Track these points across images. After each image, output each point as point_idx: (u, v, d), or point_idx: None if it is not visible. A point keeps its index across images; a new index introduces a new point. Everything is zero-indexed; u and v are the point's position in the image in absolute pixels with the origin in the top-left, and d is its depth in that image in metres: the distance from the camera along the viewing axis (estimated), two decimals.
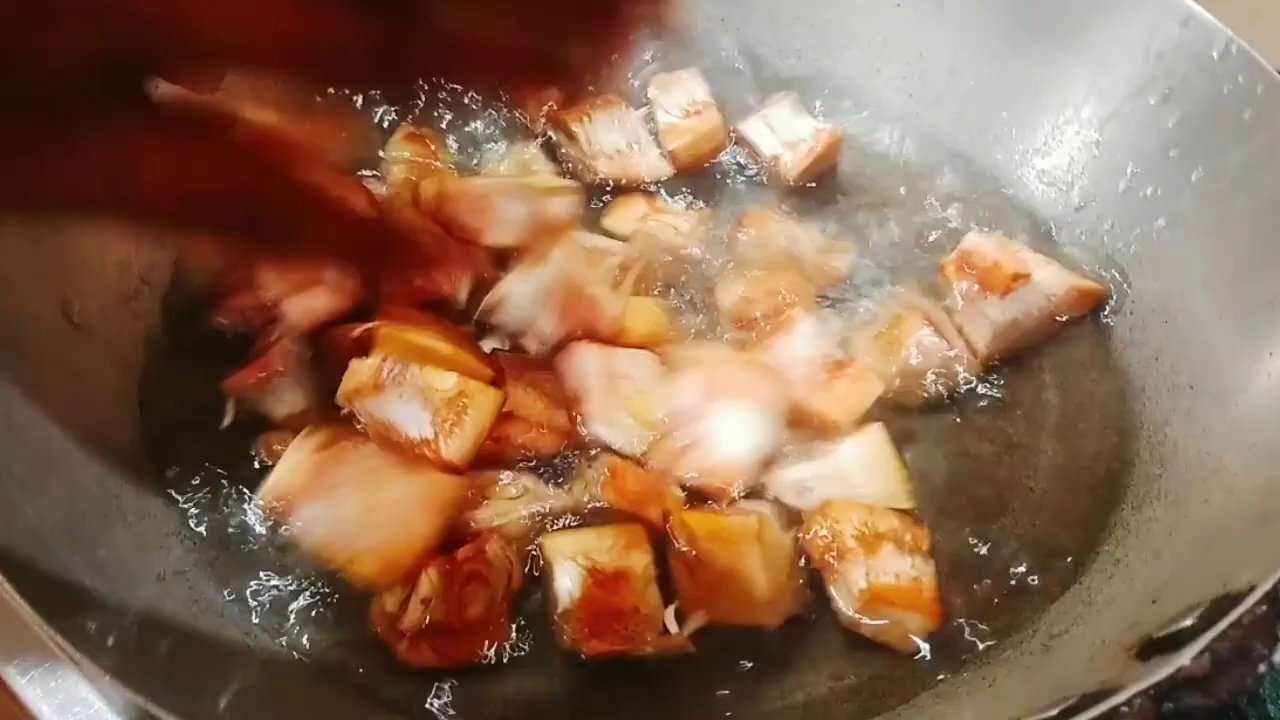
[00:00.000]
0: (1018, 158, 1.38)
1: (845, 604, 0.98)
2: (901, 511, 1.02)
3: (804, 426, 1.08)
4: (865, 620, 0.98)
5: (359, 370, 1.00)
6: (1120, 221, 1.26)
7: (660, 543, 1.00)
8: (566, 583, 0.95)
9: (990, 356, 1.18)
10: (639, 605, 0.94)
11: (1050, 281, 1.19)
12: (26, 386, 1.00)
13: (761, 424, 1.04)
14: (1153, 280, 1.20)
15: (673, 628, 0.95)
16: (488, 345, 1.15)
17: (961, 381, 1.16)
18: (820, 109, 1.46)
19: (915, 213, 1.36)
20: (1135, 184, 1.25)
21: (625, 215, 1.28)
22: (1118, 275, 1.24)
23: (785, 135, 1.39)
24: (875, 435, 1.08)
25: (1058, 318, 1.21)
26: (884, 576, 0.97)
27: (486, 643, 0.95)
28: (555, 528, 1.02)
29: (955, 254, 1.24)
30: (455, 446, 1.01)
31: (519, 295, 1.08)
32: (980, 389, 1.17)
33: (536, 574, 1.00)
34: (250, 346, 1.11)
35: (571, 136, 1.31)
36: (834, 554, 1.00)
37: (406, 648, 0.94)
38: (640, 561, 0.97)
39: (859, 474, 1.05)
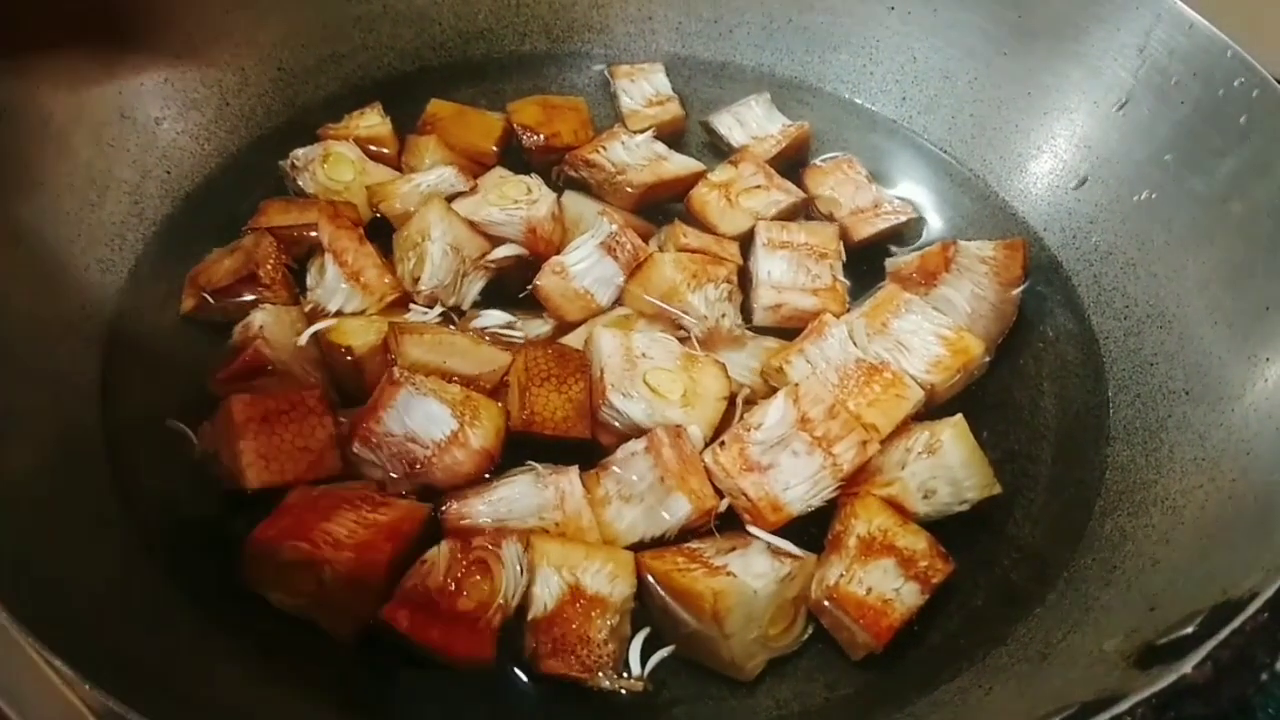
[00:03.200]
0: (1010, 162, 1.38)
1: (815, 589, 0.98)
2: (936, 545, 1.00)
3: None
4: (826, 607, 0.97)
5: None
6: (1114, 226, 1.25)
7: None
8: (543, 592, 0.94)
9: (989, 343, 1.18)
10: (608, 638, 0.93)
11: (977, 245, 1.23)
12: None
13: (828, 484, 1.03)
14: (1147, 285, 1.20)
15: (635, 661, 0.94)
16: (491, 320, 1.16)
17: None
18: (811, 110, 1.46)
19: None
20: (1130, 189, 1.25)
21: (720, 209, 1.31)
22: (1111, 279, 1.24)
23: (753, 130, 1.43)
24: (962, 428, 1.05)
25: (1011, 287, 1.21)
26: (856, 585, 0.96)
27: (463, 648, 0.92)
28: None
29: (888, 275, 1.25)
30: (482, 434, 1.02)
31: (582, 254, 1.18)
32: (980, 396, 1.17)
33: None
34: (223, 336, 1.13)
35: (594, 165, 1.33)
36: (836, 541, 0.99)
37: (391, 606, 0.92)
38: (621, 592, 0.95)
39: (960, 471, 1.04)
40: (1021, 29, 1.34)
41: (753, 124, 1.43)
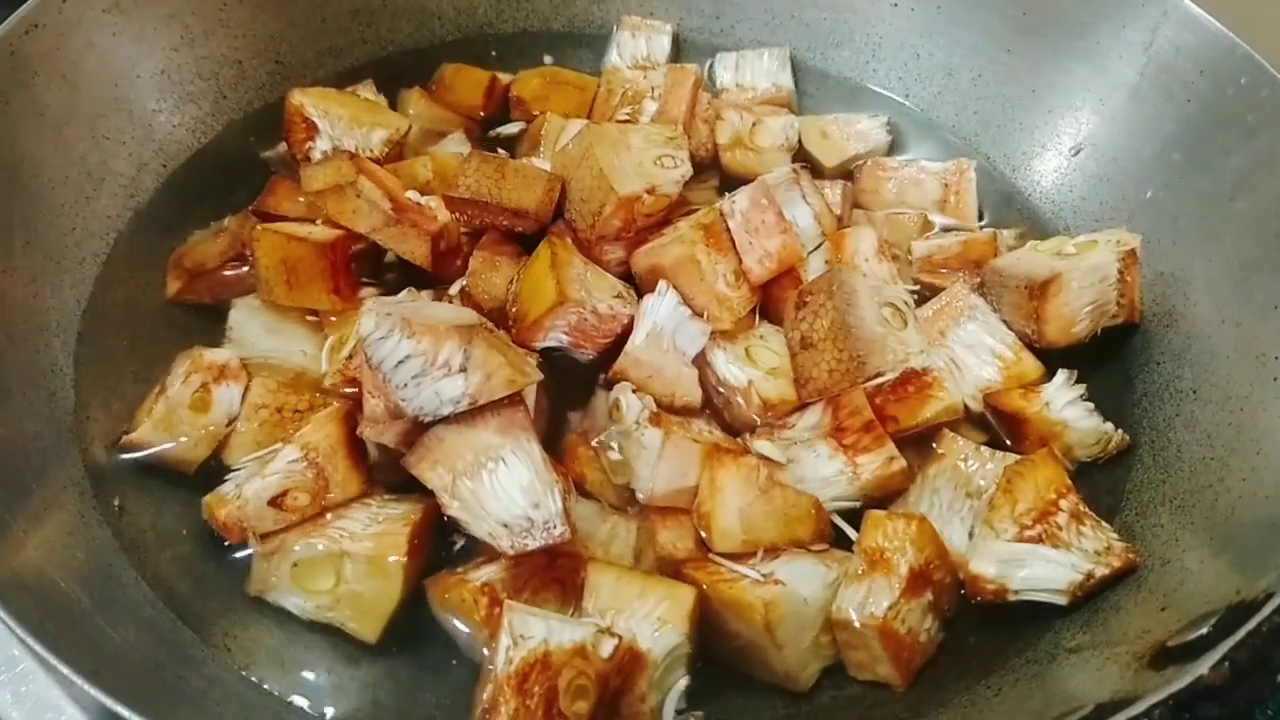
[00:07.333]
0: (1015, 159, 1.37)
1: (850, 607, 0.92)
2: (957, 579, 0.98)
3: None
4: (852, 624, 0.92)
5: None
6: (1120, 224, 1.24)
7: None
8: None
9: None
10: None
11: (1005, 233, 1.23)
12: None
13: (843, 492, 1.01)
14: (1153, 283, 1.19)
15: (669, 710, 0.90)
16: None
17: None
18: (813, 106, 1.46)
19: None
20: (1136, 187, 1.24)
21: None
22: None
23: (744, 78, 1.44)
24: None
25: None
26: (900, 623, 0.92)
27: None
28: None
29: (915, 261, 1.22)
30: None
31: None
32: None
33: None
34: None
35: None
36: (878, 561, 0.94)
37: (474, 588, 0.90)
38: (667, 641, 0.89)
39: None
40: (1026, 26, 1.34)
41: (747, 72, 1.44)
